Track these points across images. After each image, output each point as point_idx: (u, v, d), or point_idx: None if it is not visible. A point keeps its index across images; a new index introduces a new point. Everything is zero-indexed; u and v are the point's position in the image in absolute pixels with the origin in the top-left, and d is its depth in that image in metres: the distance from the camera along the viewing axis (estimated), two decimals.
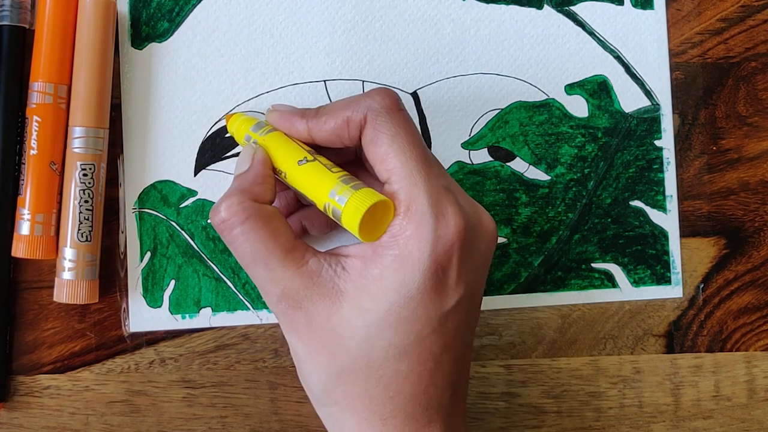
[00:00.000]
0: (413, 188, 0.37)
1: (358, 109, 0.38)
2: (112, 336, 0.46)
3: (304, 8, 0.46)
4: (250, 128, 0.42)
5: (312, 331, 0.38)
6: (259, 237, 0.37)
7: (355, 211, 0.37)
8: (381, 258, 0.37)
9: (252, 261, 0.38)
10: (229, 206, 0.38)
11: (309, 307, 0.37)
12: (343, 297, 0.37)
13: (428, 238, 0.36)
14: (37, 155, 0.44)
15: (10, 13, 0.44)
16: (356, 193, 0.37)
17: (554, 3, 0.47)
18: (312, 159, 0.39)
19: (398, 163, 0.37)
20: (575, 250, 0.47)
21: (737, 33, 0.48)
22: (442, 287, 0.37)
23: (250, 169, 0.40)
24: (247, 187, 0.39)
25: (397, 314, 0.36)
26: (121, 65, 0.46)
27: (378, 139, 0.38)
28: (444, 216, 0.37)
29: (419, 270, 0.36)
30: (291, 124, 0.41)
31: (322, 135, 0.40)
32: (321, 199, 0.38)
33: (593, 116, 0.47)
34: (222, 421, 0.46)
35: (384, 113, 0.38)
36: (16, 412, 0.46)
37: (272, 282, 0.38)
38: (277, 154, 0.40)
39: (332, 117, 0.39)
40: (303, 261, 0.38)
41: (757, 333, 0.48)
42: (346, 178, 0.38)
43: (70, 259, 0.44)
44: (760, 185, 0.48)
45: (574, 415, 0.47)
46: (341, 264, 0.38)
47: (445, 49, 0.47)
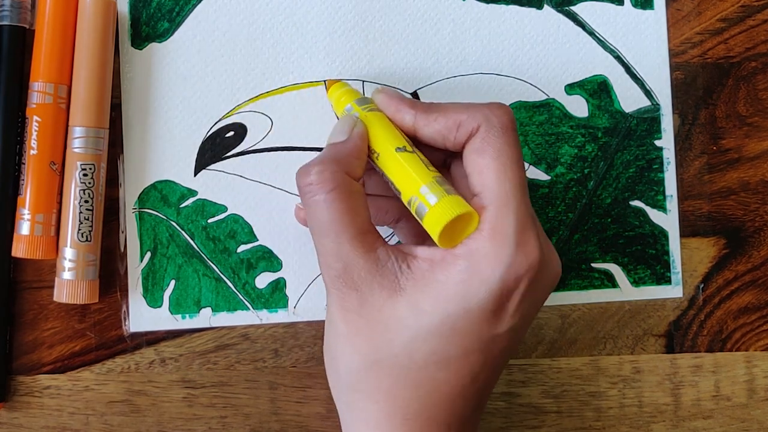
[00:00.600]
0: (504, 209, 0.37)
1: (473, 116, 0.38)
2: (112, 336, 0.46)
3: (304, 8, 0.46)
4: (354, 100, 0.42)
5: (361, 315, 0.38)
6: (339, 209, 0.37)
7: (443, 214, 0.37)
8: (450, 266, 0.37)
9: (325, 230, 0.38)
10: (321, 171, 0.38)
11: (365, 292, 0.37)
12: (401, 293, 0.37)
13: (504, 261, 0.36)
14: (37, 155, 0.44)
15: (10, 13, 0.44)
16: (448, 198, 0.37)
17: (554, 3, 0.47)
18: (411, 150, 0.39)
19: (495, 180, 0.37)
20: (575, 250, 0.47)
21: (737, 33, 0.48)
22: (500, 311, 0.37)
23: (349, 140, 0.40)
24: (342, 158, 0.39)
25: (452, 324, 0.36)
26: (121, 65, 0.46)
27: (485, 151, 0.38)
28: (525, 245, 0.37)
29: (486, 289, 0.36)
30: (397, 110, 0.40)
31: (427, 131, 0.39)
32: (410, 190, 0.38)
33: (593, 116, 0.47)
34: (222, 421, 0.46)
35: (498, 128, 0.38)
36: (16, 412, 0.46)
37: (337, 256, 0.38)
38: (376, 133, 0.40)
39: (444, 116, 0.39)
40: (373, 247, 0.38)
41: (757, 333, 0.48)
42: (440, 179, 0.38)
43: (70, 259, 0.44)
44: (760, 185, 0.48)
45: (574, 415, 0.47)
46: (407, 262, 0.38)
47: (445, 49, 0.47)
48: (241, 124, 0.46)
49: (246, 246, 0.46)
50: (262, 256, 0.46)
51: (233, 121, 0.46)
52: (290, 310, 0.47)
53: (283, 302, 0.46)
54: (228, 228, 0.46)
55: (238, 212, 0.46)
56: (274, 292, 0.46)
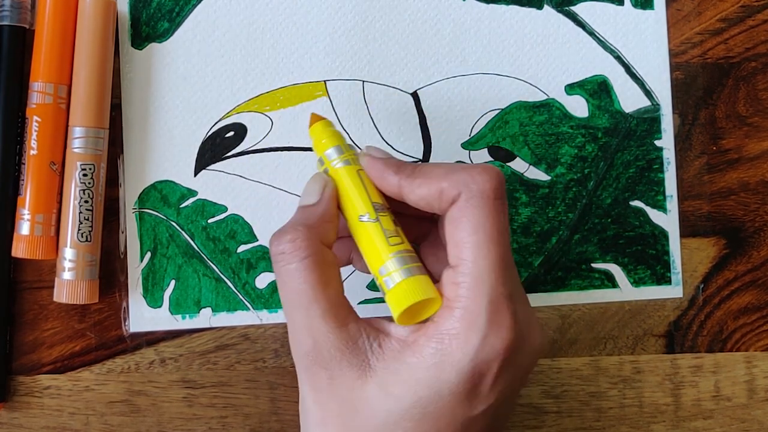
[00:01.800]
0: (477, 288, 0.35)
1: (454, 183, 0.36)
2: (112, 336, 0.46)
3: (304, 8, 0.46)
4: (326, 151, 0.40)
5: (331, 395, 0.36)
6: (311, 280, 0.36)
7: (399, 301, 0.36)
8: (421, 348, 0.36)
9: (296, 302, 0.37)
10: (294, 239, 0.37)
11: (334, 371, 0.36)
12: (371, 373, 0.36)
13: (475, 344, 0.35)
14: (37, 155, 0.44)
15: (10, 13, 0.44)
16: (406, 281, 0.36)
17: (554, 3, 0.47)
18: (374, 219, 0.38)
19: (471, 257, 0.36)
20: (575, 250, 0.47)
21: (737, 33, 0.48)
22: (474, 393, 0.36)
23: (319, 204, 0.38)
24: (315, 224, 0.37)
25: (423, 408, 0.35)
26: (121, 65, 0.46)
27: (461, 222, 0.36)
28: (498, 325, 0.35)
29: (456, 372, 0.35)
30: (382, 176, 0.39)
31: (412, 197, 0.38)
32: (372, 267, 0.37)
33: (593, 116, 0.47)
34: (222, 421, 0.46)
35: (478, 197, 0.36)
36: (16, 412, 0.46)
37: (307, 331, 0.36)
38: (344, 195, 0.39)
39: (426, 184, 0.37)
40: (345, 322, 0.36)
41: (757, 333, 0.48)
42: (400, 257, 0.37)
43: (70, 260, 0.44)
44: (760, 185, 0.48)
45: (574, 415, 0.47)
46: (379, 340, 0.37)
47: (445, 49, 0.47)
48: (241, 124, 0.46)
49: (246, 246, 0.46)
50: (262, 256, 0.46)
51: (233, 121, 0.46)
52: None
53: None
54: (228, 228, 0.46)
55: (238, 212, 0.46)
56: (274, 292, 0.46)
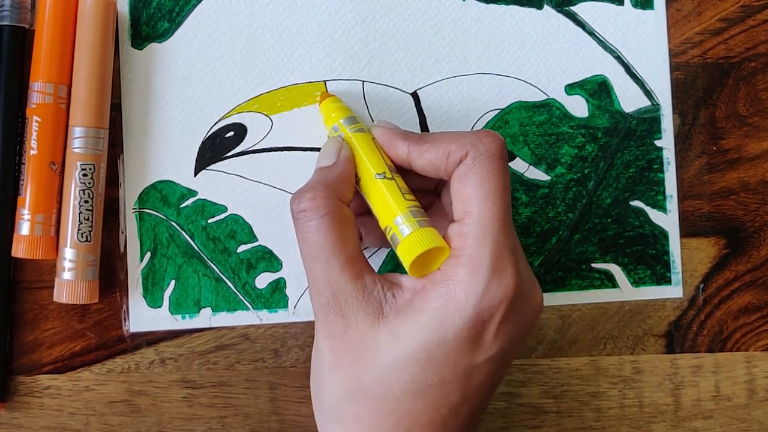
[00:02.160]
0: (482, 237, 0.37)
1: (462, 145, 0.38)
2: (112, 336, 0.46)
3: (304, 8, 0.46)
4: (341, 119, 0.43)
5: (346, 342, 0.38)
6: (330, 236, 0.38)
7: (413, 247, 0.37)
8: (428, 293, 0.37)
9: (316, 256, 0.38)
10: (314, 197, 0.38)
11: (351, 319, 0.38)
12: (383, 320, 0.37)
13: (478, 289, 0.36)
14: (37, 155, 0.44)
15: (10, 13, 0.44)
16: (419, 231, 0.38)
17: (554, 3, 0.47)
18: (390, 177, 0.40)
19: (477, 208, 0.37)
20: (575, 250, 0.47)
21: (737, 33, 0.48)
22: (477, 340, 0.37)
23: (336, 164, 0.40)
24: (332, 183, 0.39)
25: (427, 353, 0.37)
26: (121, 65, 0.46)
27: (468, 178, 0.38)
28: (500, 274, 0.37)
29: (460, 316, 0.36)
30: (392, 143, 0.41)
31: (420, 162, 0.40)
32: (385, 220, 0.39)
33: (593, 116, 0.47)
34: (222, 421, 0.46)
35: (484, 156, 0.38)
36: (16, 412, 0.46)
37: (326, 282, 0.38)
38: (359, 158, 0.41)
39: (434, 147, 0.39)
40: (361, 274, 0.38)
41: (757, 333, 0.48)
42: (415, 210, 0.39)
43: (70, 260, 0.44)
44: (760, 185, 0.48)
45: (574, 415, 0.47)
46: (393, 291, 0.38)
47: (445, 49, 0.47)
48: (241, 124, 0.46)
49: (246, 246, 0.46)
50: (262, 257, 0.46)
51: (233, 121, 0.46)
52: (290, 310, 0.47)
53: (283, 302, 0.46)
54: (228, 228, 0.46)
55: (238, 212, 0.46)
56: (274, 292, 0.46)
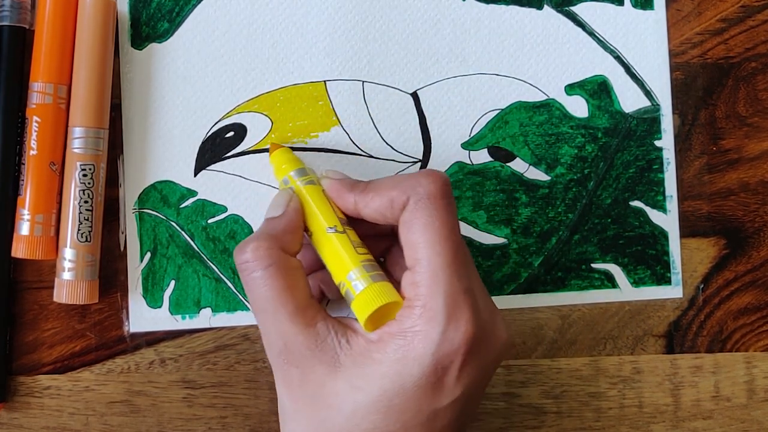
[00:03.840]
0: (433, 286, 0.37)
1: (403, 190, 0.38)
2: (112, 336, 0.46)
3: (304, 8, 0.46)
4: (290, 172, 0.42)
5: (304, 391, 0.38)
6: (276, 286, 0.38)
7: (367, 304, 0.38)
8: (385, 344, 0.37)
9: (263, 308, 0.38)
10: (256, 249, 0.38)
11: (306, 368, 0.38)
12: (340, 369, 0.37)
13: (434, 339, 0.36)
14: (37, 155, 0.44)
15: (10, 13, 0.44)
16: (373, 286, 0.38)
17: (554, 3, 0.47)
18: (341, 231, 0.40)
19: (425, 255, 0.37)
20: (575, 251, 0.47)
21: (737, 33, 0.48)
22: (438, 386, 0.37)
23: (283, 216, 0.40)
24: (277, 234, 0.39)
25: (389, 401, 0.37)
26: (121, 65, 0.46)
27: (413, 224, 0.38)
28: (456, 320, 0.37)
29: (419, 365, 0.36)
30: (339, 195, 0.41)
31: (367, 211, 0.40)
32: (338, 275, 0.39)
33: (593, 116, 0.47)
34: (222, 422, 0.46)
35: (425, 199, 0.38)
36: (16, 413, 0.46)
37: (277, 334, 0.38)
38: (310, 211, 0.41)
39: (378, 195, 0.39)
40: (312, 322, 0.38)
41: (757, 333, 0.48)
42: (368, 264, 0.39)
43: (70, 260, 0.44)
44: (760, 185, 0.48)
45: (573, 415, 0.47)
46: (347, 337, 0.38)
47: (445, 49, 0.47)
48: (241, 124, 0.46)
49: None
50: None
51: (233, 121, 0.46)
52: None
53: None
54: (228, 228, 0.46)
55: (238, 212, 0.46)
56: None
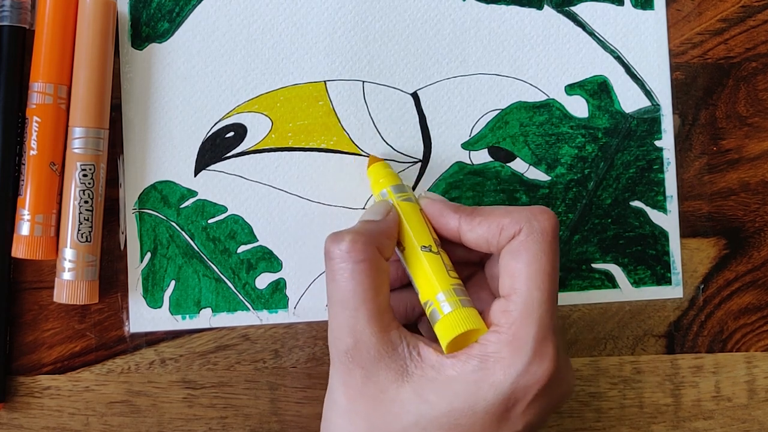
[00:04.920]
0: (528, 316, 0.37)
1: (516, 220, 0.38)
2: (112, 336, 0.46)
3: (304, 8, 0.46)
4: (390, 186, 0.43)
5: (363, 393, 0.38)
6: (363, 283, 0.38)
7: (454, 326, 0.37)
8: (464, 363, 0.37)
9: (344, 301, 0.38)
10: (355, 241, 0.38)
11: (371, 370, 0.37)
12: (408, 378, 0.37)
13: (518, 369, 0.36)
14: (37, 156, 0.44)
15: (10, 13, 0.44)
16: (461, 310, 0.38)
17: (554, 3, 0.47)
18: (436, 251, 0.40)
19: (525, 286, 0.37)
20: (575, 251, 0.47)
21: (737, 33, 0.48)
22: (505, 416, 0.37)
23: (383, 221, 0.40)
24: (375, 234, 0.39)
25: (455, 420, 0.37)
26: (121, 65, 0.46)
27: (520, 254, 0.38)
28: (542, 356, 0.37)
29: (495, 392, 0.36)
30: (442, 215, 0.41)
31: (471, 236, 0.40)
32: (426, 294, 0.39)
33: (593, 116, 0.47)
34: (222, 422, 0.46)
35: (538, 233, 0.38)
36: (16, 413, 0.46)
37: (350, 330, 0.38)
38: (405, 226, 0.41)
39: (487, 221, 0.39)
40: (388, 328, 0.38)
41: (758, 333, 0.48)
42: (458, 289, 0.39)
43: (70, 260, 0.44)
44: (760, 185, 0.48)
45: (574, 415, 0.47)
46: (419, 350, 0.38)
47: (445, 49, 0.47)
48: (241, 124, 0.46)
49: (246, 246, 0.46)
50: (262, 257, 0.46)
51: (233, 122, 0.46)
52: (290, 311, 0.47)
53: (283, 303, 0.46)
54: (228, 228, 0.46)
55: (238, 213, 0.46)
56: (274, 292, 0.46)
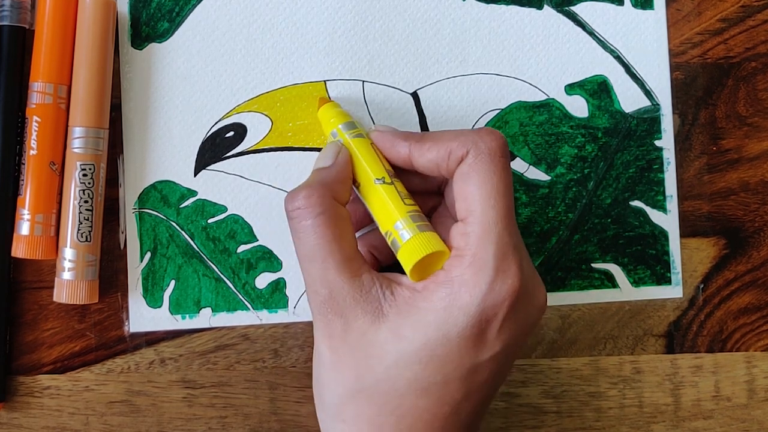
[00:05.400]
0: (485, 236, 0.37)
1: (463, 143, 0.38)
2: (112, 336, 0.46)
3: (304, 8, 0.46)
4: (339, 125, 0.43)
5: (345, 341, 0.38)
6: (326, 234, 0.38)
7: (413, 252, 0.37)
8: (432, 293, 0.37)
9: (311, 255, 0.38)
10: (309, 196, 0.38)
11: (349, 317, 0.38)
12: (383, 319, 0.37)
13: (482, 289, 0.36)
14: (37, 155, 0.44)
15: (10, 13, 0.44)
16: (420, 235, 0.38)
17: (554, 3, 0.47)
18: (389, 182, 0.40)
19: (480, 207, 0.37)
20: (575, 251, 0.47)
21: (737, 33, 0.48)
22: (481, 338, 0.37)
23: (333, 166, 0.40)
24: (328, 183, 0.39)
25: (431, 351, 0.37)
26: (121, 65, 0.46)
27: (470, 176, 0.38)
28: (504, 272, 0.37)
29: (464, 315, 0.36)
30: (392, 145, 0.41)
31: (421, 161, 0.40)
32: (385, 225, 0.39)
33: (593, 116, 0.47)
34: (222, 422, 0.46)
35: (486, 154, 0.38)
36: (16, 412, 0.46)
37: (323, 282, 0.38)
38: (358, 163, 0.41)
39: (436, 145, 0.39)
40: (358, 272, 0.38)
41: (757, 333, 0.48)
42: (415, 215, 0.39)
43: (70, 260, 0.44)
44: (760, 185, 0.48)
45: (574, 415, 0.47)
46: (391, 288, 0.38)
47: (445, 49, 0.47)
48: (241, 124, 0.46)
49: (246, 246, 0.46)
50: (262, 257, 0.46)
51: (233, 121, 0.46)
52: (290, 311, 0.47)
53: (283, 302, 0.46)
54: (228, 228, 0.46)
55: (238, 212, 0.46)
56: (274, 292, 0.46)
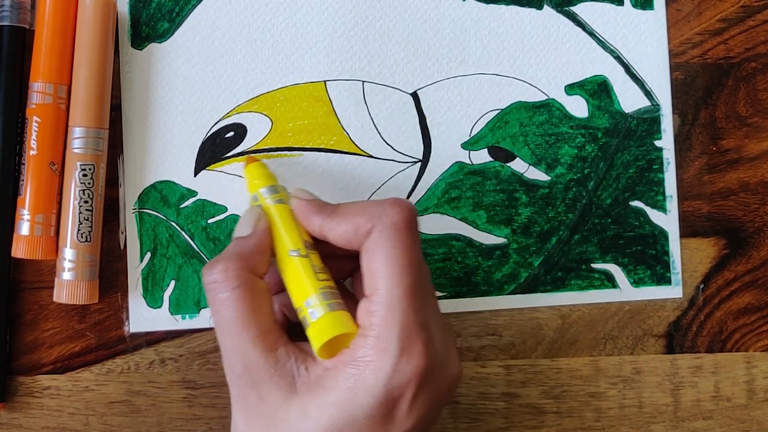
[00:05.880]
0: (389, 316, 0.37)
1: (368, 218, 0.38)
2: (112, 336, 0.46)
3: (304, 8, 0.46)
4: (261, 189, 0.42)
5: (259, 413, 0.38)
6: (241, 308, 0.38)
7: (321, 332, 0.38)
8: (338, 373, 0.37)
9: (226, 329, 0.38)
10: (225, 270, 0.38)
11: (263, 392, 0.38)
12: (295, 396, 0.37)
13: (387, 370, 0.36)
14: (37, 155, 0.44)
15: (10, 13, 0.44)
16: (329, 315, 0.38)
17: (554, 3, 0.47)
18: (305, 254, 0.39)
19: (384, 285, 0.37)
20: (575, 251, 0.47)
21: (737, 33, 0.48)
22: (389, 417, 0.37)
23: (252, 236, 0.40)
24: (246, 254, 0.39)
25: (338, 431, 0.37)
26: (121, 65, 0.46)
27: (375, 253, 0.38)
28: (409, 352, 0.37)
29: (370, 396, 0.36)
30: (306, 217, 0.41)
31: (333, 236, 0.40)
32: (297, 300, 0.39)
33: (593, 116, 0.47)
34: (222, 422, 0.46)
35: (390, 229, 0.38)
36: (16, 413, 0.46)
37: (238, 356, 0.38)
38: (276, 231, 0.40)
39: (344, 221, 0.39)
40: (274, 346, 0.38)
41: (757, 333, 0.48)
42: (327, 292, 0.39)
43: (69, 260, 0.44)
44: (760, 185, 0.48)
45: (574, 415, 0.47)
46: (306, 364, 0.38)
47: (445, 49, 0.47)
48: (241, 124, 0.46)
49: None
50: None
51: (233, 121, 0.46)
52: None
53: None
54: (228, 228, 0.46)
55: (238, 213, 0.46)
56: None
